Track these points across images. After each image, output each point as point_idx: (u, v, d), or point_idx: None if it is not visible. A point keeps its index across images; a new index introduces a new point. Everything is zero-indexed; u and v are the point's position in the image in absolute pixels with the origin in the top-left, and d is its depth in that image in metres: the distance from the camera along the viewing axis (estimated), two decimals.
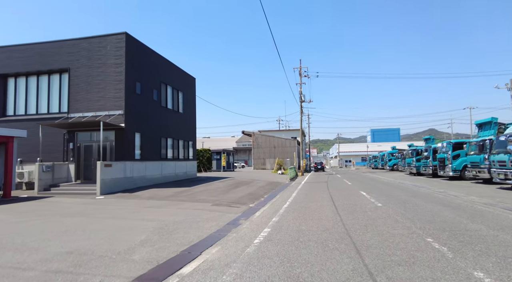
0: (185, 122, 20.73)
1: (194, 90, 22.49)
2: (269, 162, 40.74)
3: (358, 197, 11.30)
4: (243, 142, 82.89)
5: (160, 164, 17.18)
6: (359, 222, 6.60)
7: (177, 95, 19.58)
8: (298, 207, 9.11)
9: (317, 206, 9.30)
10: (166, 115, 18.19)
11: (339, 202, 9.90)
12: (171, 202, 10.61)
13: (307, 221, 6.89)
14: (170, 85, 18.69)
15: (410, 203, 9.42)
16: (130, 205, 10.11)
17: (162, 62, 18.07)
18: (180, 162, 19.67)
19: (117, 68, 14.22)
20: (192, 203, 10.37)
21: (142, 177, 15.31)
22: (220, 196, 12.17)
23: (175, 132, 19.15)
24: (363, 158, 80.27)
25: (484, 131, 19.16)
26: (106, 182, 12.61)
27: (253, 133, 42.39)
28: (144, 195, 12.31)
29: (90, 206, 9.98)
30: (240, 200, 11.08)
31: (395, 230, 5.75)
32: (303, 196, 11.95)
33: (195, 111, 22.46)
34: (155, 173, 16.56)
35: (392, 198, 10.76)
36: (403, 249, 4.49)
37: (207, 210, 8.91)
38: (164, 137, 17.78)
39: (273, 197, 12.32)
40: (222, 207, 9.48)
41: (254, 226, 6.68)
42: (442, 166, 20.05)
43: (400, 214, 7.42)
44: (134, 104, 14.98)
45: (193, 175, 21.68)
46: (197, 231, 6.24)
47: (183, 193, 13.00)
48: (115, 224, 7.06)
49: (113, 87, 14.24)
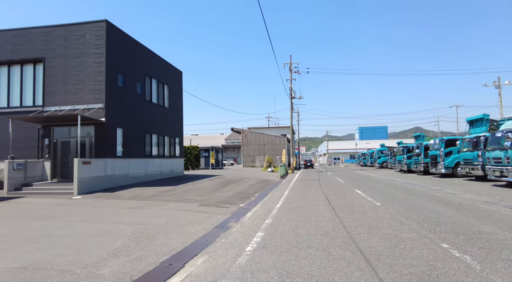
0: (171, 118, 19.81)
1: (181, 84, 21.55)
2: (259, 160, 40.10)
3: (353, 195, 10.76)
4: (232, 139, 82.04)
5: (144, 161, 16.26)
6: (361, 224, 6.00)
7: (162, 89, 18.63)
8: (292, 207, 8.48)
9: (312, 205, 8.69)
10: (151, 110, 17.25)
11: (335, 201, 9.32)
12: (154, 202, 9.80)
13: (304, 223, 6.25)
14: (155, 78, 17.73)
15: (410, 202, 8.93)
16: (109, 205, 9.26)
17: (146, 54, 17.09)
18: (166, 159, 18.76)
19: (97, 59, 13.21)
20: (177, 203, 9.60)
21: (124, 175, 14.38)
22: (208, 195, 11.42)
23: (160, 128, 18.22)
24: (351, 155, 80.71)
25: (476, 128, 19.01)
26: (84, 180, 11.66)
27: (243, 131, 41.65)
28: (125, 195, 11.45)
29: (64, 207, 9.07)
30: (230, 200, 10.37)
31: (403, 234, 5.16)
32: (296, 195, 11.34)
33: (181, 106, 21.53)
34: (138, 171, 15.64)
35: (389, 196, 10.27)
36: (420, 258, 3.89)
37: (193, 211, 8.17)
38: (148, 133, 16.84)
39: (264, 196, 11.67)
40: (210, 208, 8.76)
41: (246, 229, 5.99)
42: (434, 163, 19.85)
43: (403, 215, 6.87)
44: (116, 98, 14.01)
45: (180, 173, 20.80)
46: (181, 236, 5.51)
47: (168, 192, 12.18)
48: (88, 228, 6.24)
49: (92, 79, 13.24)
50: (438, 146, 19.27)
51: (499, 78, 28.56)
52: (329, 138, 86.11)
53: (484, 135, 14.94)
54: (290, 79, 31.38)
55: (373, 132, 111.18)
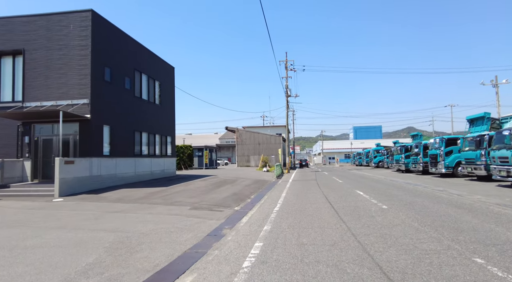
0: (162, 115, 18.96)
1: (173, 80, 20.69)
2: (254, 159, 39.38)
3: (355, 197, 10.11)
4: (227, 139, 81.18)
5: (134, 160, 15.41)
6: (371, 231, 5.33)
7: (153, 85, 17.77)
8: (292, 210, 7.79)
9: (313, 208, 8.01)
10: (141, 106, 16.40)
11: (337, 204, 8.65)
12: (141, 205, 9.02)
13: (307, 230, 5.55)
14: (145, 73, 16.87)
15: (417, 204, 8.30)
16: (92, 209, 8.45)
17: (136, 48, 16.23)
18: (156, 158, 17.92)
19: (82, 51, 12.34)
20: (167, 206, 8.83)
21: (112, 176, 13.53)
22: (201, 197, 10.67)
23: (151, 126, 17.37)
24: (346, 154, 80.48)
25: (476, 127, 18.57)
26: (67, 181, 10.81)
27: (237, 130, 40.88)
28: (111, 197, 10.62)
29: (41, 211, 8.23)
30: (224, 202, 9.63)
31: (423, 244, 4.50)
32: (294, 196, 10.65)
33: (173, 104, 20.68)
34: (127, 170, 14.79)
35: (393, 198, 9.64)
36: (456, 279, 3.21)
37: (183, 216, 7.42)
38: (138, 131, 15.98)
39: (261, 197, 10.96)
40: (202, 212, 8.01)
41: (242, 238, 5.28)
42: (434, 163, 19.36)
43: (415, 220, 6.22)
44: (102, 93, 13.15)
45: (172, 173, 19.97)
46: (168, 247, 4.77)
47: (158, 193, 11.39)
48: (62, 237, 5.45)
49: (77, 72, 12.36)
50: (438, 145, 18.78)
51: (497, 77, 28.31)
52: (323, 138, 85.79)
53: (488, 134, 14.45)
54: (285, 77, 30.72)
55: (367, 132, 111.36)
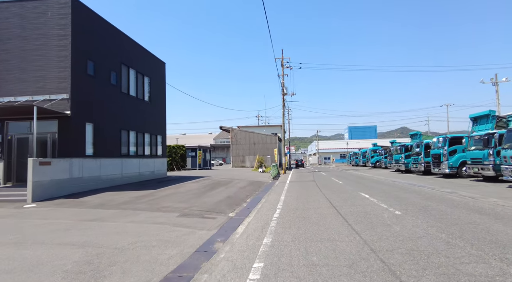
0: (152, 113, 17.89)
1: (164, 76, 19.62)
2: (249, 159, 38.41)
3: (361, 200, 9.23)
4: (221, 139, 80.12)
5: (120, 161, 14.33)
6: (394, 245, 4.42)
7: (142, 80, 16.70)
8: (294, 217, 6.86)
9: (318, 215, 7.09)
10: (128, 103, 15.32)
11: (343, 209, 7.75)
12: (123, 211, 8.00)
13: (316, 245, 4.63)
14: (133, 68, 15.80)
15: (433, 209, 7.44)
16: (66, 216, 7.42)
17: (122, 40, 15.16)
18: (146, 159, 16.84)
19: (61, 41, 11.26)
20: (153, 212, 7.83)
21: (95, 178, 12.46)
22: (192, 201, 9.67)
23: (139, 124, 16.30)
24: (341, 155, 79.90)
25: (480, 126, 17.88)
26: (42, 184, 9.73)
27: (232, 129, 39.88)
28: (92, 201, 9.57)
29: (4, 221, 7.16)
30: (217, 207, 8.66)
31: (466, 265, 3.59)
32: (295, 200, 9.72)
33: (164, 101, 19.61)
34: (113, 172, 13.71)
35: (403, 201, 8.77)
36: None
37: (170, 225, 6.43)
38: (125, 129, 14.91)
39: (258, 201, 10.01)
40: (192, 219, 7.03)
41: (237, 255, 4.32)
42: (436, 163, 18.63)
43: (440, 229, 5.33)
44: (85, 88, 12.08)
45: (163, 174, 18.90)
46: (145, 270, 3.80)
47: (145, 197, 10.36)
48: (15, 257, 4.43)
49: (56, 65, 11.27)
50: (442, 144, 18.04)
51: (496, 75, 27.78)
52: (318, 138, 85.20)
53: (497, 132, 13.71)
54: (282, 75, 29.84)
55: (362, 132, 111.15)
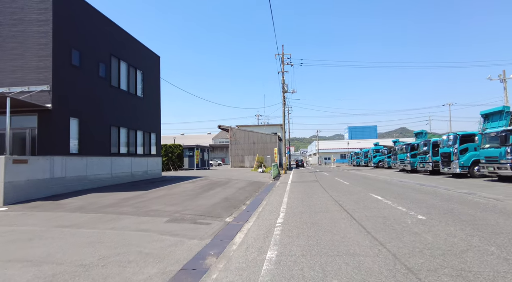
0: (145, 110, 16.87)
1: (158, 71, 18.59)
2: (248, 159, 37.40)
3: (375, 202, 8.23)
4: (220, 139, 79.11)
5: (110, 160, 13.29)
6: (434, 262, 3.43)
7: (134, 74, 15.67)
8: (301, 223, 5.86)
9: (329, 220, 6.10)
10: (119, 98, 14.30)
11: (357, 213, 6.75)
12: (105, 216, 6.98)
13: (334, 261, 3.63)
14: (125, 60, 14.77)
15: (460, 213, 6.45)
16: (36, 222, 6.40)
17: (113, 30, 14.14)
18: (139, 158, 15.81)
19: (41, 27, 10.24)
20: (138, 217, 6.82)
21: (81, 178, 11.43)
22: (185, 204, 8.66)
23: (131, 120, 15.28)
24: (342, 155, 78.96)
25: (493, 123, 16.94)
26: (16, 185, 8.70)
27: (231, 128, 38.87)
28: (73, 204, 8.55)
29: None
30: (212, 211, 7.65)
31: None
32: (299, 202, 8.72)
33: (159, 97, 18.58)
34: (101, 172, 12.68)
35: (422, 204, 7.78)
36: None
37: (156, 232, 5.43)
38: (115, 126, 13.88)
39: (258, 203, 9.01)
40: (182, 225, 6.02)
41: (234, 276, 3.33)
42: (446, 162, 17.64)
43: (484, 240, 4.33)
44: (69, 79, 11.06)
45: (157, 174, 17.86)
46: None
47: (133, 199, 9.35)
48: None
49: (35, 53, 10.26)
50: (452, 142, 17.07)
51: (504, 71, 26.85)
52: (318, 138, 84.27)
53: None
54: (282, 72, 28.85)
55: (362, 131, 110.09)
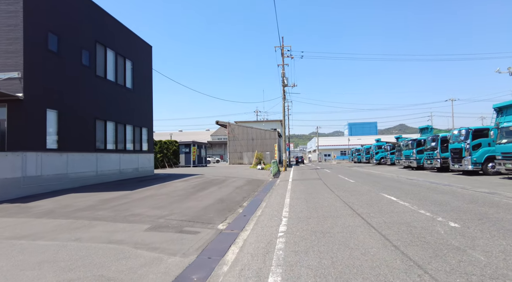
0: (136, 103, 15.71)
1: (150, 61, 17.40)
2: (247, 156, 36.31)
3: (390, 205, 7.15)
4: (219, 135, 77.97)
5: (95, 156, 12.17)
6: None
7: (123, 64, 14.49)
8: (309, 233, 4.77)
9: (342, 228, 5.02)
10: (105, 89, 13.14)
11: (374, 218, 5.66)
12: (75, 222, 5.88)
13: None
14: (112, 49, 13.59)
15: (498, 219, 5.38)
16: None
17: (99, 15, 12.95)
18: (128, 154, 14.68)
19: (10, 6, 9.07)
20: (115, 224, 5.72)
21: (61, 176, 10.31)
22: (173, 206, 7.56)
23: (120, 114, 14.13)
24: (342, 151, 77.97)
25: (508, 116, 15.89)
26: None
27: (229, 124, 37.72)
28: (42, 208, 7.45)
29: None
30: (204, 215, 6.55)
31: None
32: (303, 204, 7.63)
33: (151, 89, 17.40)
34: (85, 169, 11.56)
35: (446, 206, 6.71)
36: None
37: (130, 245, 4.33)
38: (101, 119, 12.73)
39: (257, 205, 7.92)
40: (164, 235, 4.92)
41: None
42: (457, 158, 16.57)
43: None
44: (45, 66, 9.91)
45: (149, 172, 16.75)
46: None
47: (115, 201, 8.24)
48: None
49: (4, 36, 9.10)
50: (464, 138, 15.98)
51: None
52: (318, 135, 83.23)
53: None
54: (282, 65, 27.67)
55: (362, 128, 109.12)
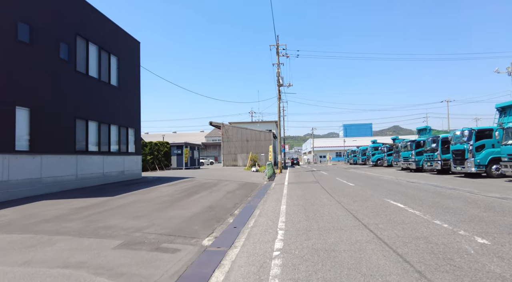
0: (122, 101, 14.77)
1: (138, 58, 16.46)
2: (241, 158, 35.44)
3: (400, 213, 6.36)
4: (213, 137, 77.06)
5: (75, 159, 11.21)
6: None
7: (107, 60, 13.55)
8: (310, 251, 3.94)
9: (348, 244, 4.20)
10: (87, 86, 12.20)
11: (384, 231, 4.86)
12: (33, 237, 4.98)
13: None
14: (96, 43, 12.65)
15: None
16: None
17: (80, 6, 12.02)
18: (112, 156, 13.71)
19: None
20: (80, 239, 4.83)
21: (34, 181, 9.35)
22: (154, 215, 6.68)
23: (103, 113, 13.18)
24: (337, 153, 77.47)
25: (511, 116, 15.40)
26: None
27: (223, 125, 36.84)
28: (0, 218, 6.50)
29: None
30: (188, 226, 5.69)
31: None
32: (302, 212, 6.81)
33: (138, 88, 16.44)
34: (63, 173, 10.60)
35: (464, 215, 5.94)
36: None
37: (89, 270, 3.45)
38: (82, 119, 11.78)
39: (250, 213, 7.08)
40: (137, 254, 4.04)
41: None
42: (459, 160, 15.93)
43: None
44: (13, 58, 8.97)
45: (136, 175, 15.78)
46: None
47: (89, 209, 7.33)
48: None
49: None
50: (466, 138, 15.35)
51: None
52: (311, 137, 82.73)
53: None
54: (277, 64, 26.90)
55: (358, 129, 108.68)
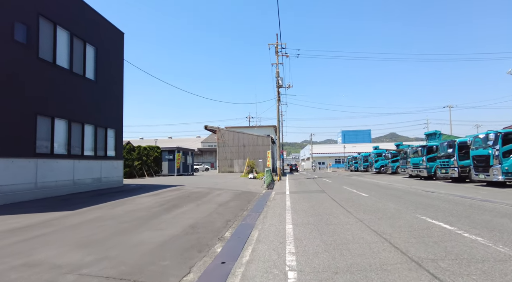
0: (100, 97, 12.90)
1: (121, 50, 14.63)
2: (238, 164, 33.53)
3: (453, 240, 4.53)
4: (210, 142, 75.16)
5: (34, 163, 9.29)
6: None
7: (82, 49, 11.72)
8: None
9: None
10: (54, 77, 10.35)
11: (452, 276, 2.99)
12: None
13: None
14: (66, 28, 10.84)
15: None
16: None
17: None
18: (86, 161, 11.78)
19: None
20: None
21: None
22: (114, 240, 4.77)
23: (76, 110, 11.31)
24: (336, 159, 75.76)
25: None
26: None
27: (218, 129, 35.01)
28: None
29: None
30: (154, 261, 3.78)
31: None
32: (315, 235, 4.94)
33: (121, 83, 14.58)
34: (16, 181, 8.67)
35: None
36: None
37: None
38: (45, 116, 9.90)
39: (246, 238, 5.20)
40: None
41: None
42: (482, 167, 14.16)
43: None
44: None
45: (115, 182, 13.80)
46: None
47: (23, 233, 5.42)
48: None
49: None
50: (493, 143, 13.60)
51: None
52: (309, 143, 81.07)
53: None
54: (276, 63, 25.25)
55: (356, 136, 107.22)
